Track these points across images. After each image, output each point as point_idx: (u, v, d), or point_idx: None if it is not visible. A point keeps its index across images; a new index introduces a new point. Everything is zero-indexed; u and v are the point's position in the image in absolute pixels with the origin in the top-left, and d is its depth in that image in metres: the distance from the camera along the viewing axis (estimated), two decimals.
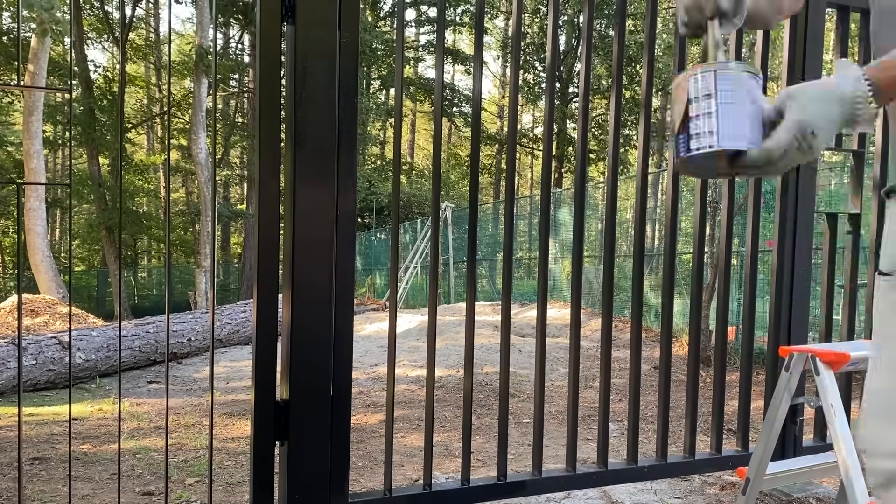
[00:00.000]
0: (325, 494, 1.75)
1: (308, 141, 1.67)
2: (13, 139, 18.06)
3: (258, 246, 1.67)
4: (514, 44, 2.03)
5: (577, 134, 2.13)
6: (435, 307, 1.99)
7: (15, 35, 16.19)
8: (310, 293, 1.70)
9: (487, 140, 23.35)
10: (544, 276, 2.09)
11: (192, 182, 21.46)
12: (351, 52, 1.71)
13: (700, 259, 2.28)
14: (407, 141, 30.91)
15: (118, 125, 6.61)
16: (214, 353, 1.99)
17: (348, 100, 1.72)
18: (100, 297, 21.88)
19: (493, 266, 14.39)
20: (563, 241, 11.52)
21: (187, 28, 27.42)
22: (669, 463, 2.26)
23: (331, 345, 1.74)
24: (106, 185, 18.42)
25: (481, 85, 1.97)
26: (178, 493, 2.73)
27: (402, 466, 3.27)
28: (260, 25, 1.63)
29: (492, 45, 27.34)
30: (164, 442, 2.17)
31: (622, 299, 8.63)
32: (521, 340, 7.57)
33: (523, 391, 5.29)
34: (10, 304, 9.27)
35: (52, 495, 2.74)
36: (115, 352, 6.20)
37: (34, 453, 3.45)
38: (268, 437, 1.71)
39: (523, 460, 3.40)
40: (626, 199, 10.52)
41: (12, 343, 5.59)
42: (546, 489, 2.12)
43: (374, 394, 5.26)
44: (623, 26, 2.12)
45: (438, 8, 1.96)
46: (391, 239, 1.91)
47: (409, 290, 14.19)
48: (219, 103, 21.52)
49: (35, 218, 11.49)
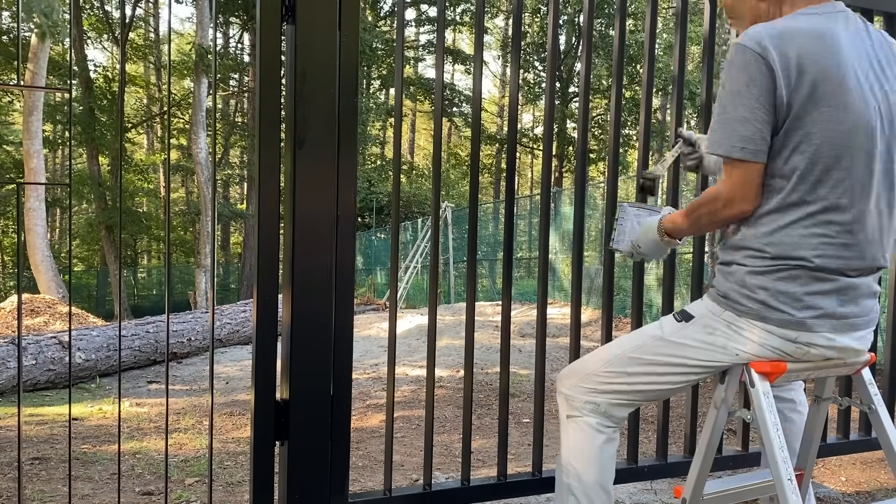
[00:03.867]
0: (325, 494, 1.75)
1: (308, 141, 1.67)
2: (13, 139, 18.05)
3: (258, 246, 1.67)
4: (514, 44, 2.03)
5: (577, 134, 2.12)
6: (435, 307, 1.98)
7: (15, 35, 16.18)
8: (310, 293, 1.70)
9: (487, 140, 23.33)
10: (544, 275, 2.09)
11: (192, 182, 21.46)
12: (351, 52, 1.71)
13: (700, 259, 2.28)
14: (407, 141, 30.91)
15: (118, 125, 6.64)
16: (214, 352, 1.99)
17: (348, 99, 1.72)
18: (100, 296, 21.87)
19: (494, 266, 14.39)
20: (563, 234, 11.51)
21: (187, 27, 27.44)
22: (669, 463, 2.26)
23: (331, 345, 1.74)
24: (106, 184, 18.41)
25: (481, 85, 1.97)
26: (178, 493, 2.73)
27: (403, 466, 3.27)
28: (260, 25, 1.63)
29: (492, 45, 27.33)
30: (165, 442, 2.17)
31: (622, 299, 8.63)
32: (522, 340, 7.57)
33: (523, 391, 5.29)
34: (10, 304, 9.27)
35: (52, 495, 2.74)
36: (115, 352, 6.20)
37: (34, 453, 3.45)
38: (268, 437, 1.71)
39: (523, 460, 3.40)
40: (626, 199, 10.51)
41: (12, 343, 5.59)
42: (546, 489, 2.12)
43: (375, 394, 5.26)
44: (623, 26, 2.12)
45: (438, 8, 1.96)
46: (391, 238, 1.91)
47: (409, 289, 14.19)
48: (219, 103, 21.51)
49: (35, 218, 11.48)
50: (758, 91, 1.31)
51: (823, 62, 1.31)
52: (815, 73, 1.31)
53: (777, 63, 1.30)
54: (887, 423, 1.51)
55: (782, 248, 1.36)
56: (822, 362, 1.44)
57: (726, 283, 1.43)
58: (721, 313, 1.43)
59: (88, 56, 20.40)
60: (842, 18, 1.39)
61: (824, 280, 1.36)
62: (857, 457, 3.04)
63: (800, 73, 1.30)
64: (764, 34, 1.32)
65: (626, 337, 1.57)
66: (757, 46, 1.31)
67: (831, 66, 1.31)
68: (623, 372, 1.53)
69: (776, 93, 1.31)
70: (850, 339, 1.41)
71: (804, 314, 1.36)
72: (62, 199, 20.11)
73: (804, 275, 1.36)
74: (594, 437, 1.55)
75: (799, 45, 1.31)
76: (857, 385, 1.56)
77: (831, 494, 2.55)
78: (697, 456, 1.54)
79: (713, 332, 1.44)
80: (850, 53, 1.35)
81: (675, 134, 1.97)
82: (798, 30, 1.33)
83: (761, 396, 1.39)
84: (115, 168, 19.90)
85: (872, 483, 2.75)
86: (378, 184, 21.55)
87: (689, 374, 1.49)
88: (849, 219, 1.35)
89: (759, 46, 1.31)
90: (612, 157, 2.18)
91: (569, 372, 1.63)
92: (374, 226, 20.37)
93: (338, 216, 1.72)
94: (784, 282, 1.36)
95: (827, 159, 1.33)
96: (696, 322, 1.47)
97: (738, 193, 1.35)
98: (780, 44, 1.31)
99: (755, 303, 1.38)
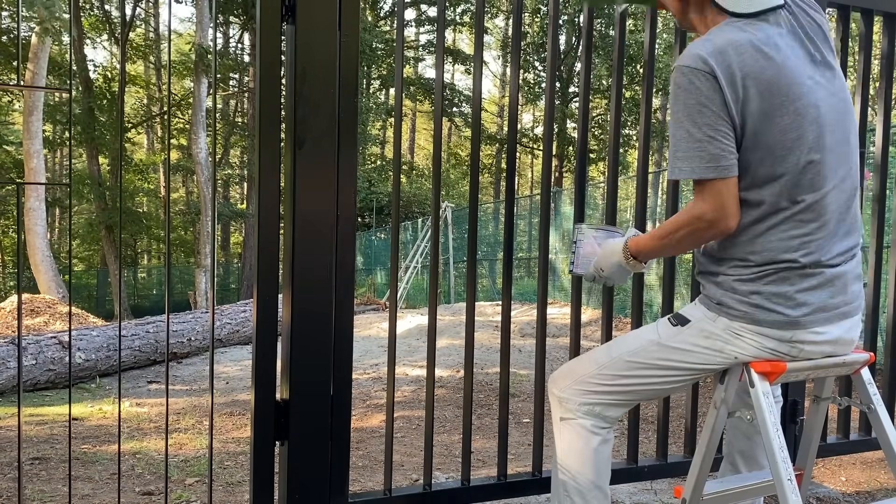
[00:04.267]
0: (325, 494, 1.75)
1: (308, 141, 1.67)
2: (13, 139, 18.05)
3: (258, 246, 1.67)
4: (514, 44, 2.03)
5: (577, 134, 2.12)
6: (435, 307, 1.98)
7: (15, 35, 16.18)
8: (310, 293, 1.70)
9: (487, 140, 23.33)
10: (544, 275, 2.09)
11: (192, 182, 21.45)
12: (351, 52, 1.71)
13: None
14: (407, 141, 30.90)
15: (118, 125, 6.68)
16: (214, 352, 1.99)
17: (348, 99, 1.72)
18: (100, 296, 21.87)
19: (494, 266, 14.39)
20: (563, 233, 11.51)
21: (187, 27, 27.44)
22: (669, 463, 2.26)
23: (331, 345, 1.74)
24: (106, 184, 18.41)
25: (481, 85, 1.97)
26: (178, 493, 2.73)
27: (403, 466, 3.27)
28: (260, 25, 1.63)
29: (492, 45, 27.33)
30: (165, 442, 2.17)
31: (622, 299, 8.63)
32: (522, 340, 7.57)
33: (523, 391, 5.29)
34: (10, 304, 9.27)
35: (52, 495, 2.74)
36: (115, 352, 6.20)
37: (34, 453, 3.45)
38: (268, 437, 1.71)
39: (523, 460, 3.40)
40: (626, 198, 10.52)
41: (12, 343, 5.59)
42: (546, 489, 2.12)
43: (375, 394, 5.26)
44: (623, 26, 2.12)
45: (438, 8, 1.96)
46: (391, 238, 1.91)
47: (409, 289, 14.19)
48: (219, 103, 21.51)
49: (35, 218, 11.48)
50: (715, 108, 1.31)
51: (767, 74, 1.32)
52: (761, 86, 1.31)
53: (723, 80, 1.30)
54: (887, 423, 1.51)
55: (766, 254, 1.37)
56: (822, 360, 1.44)
57: (718, 291, 1.44)
58: (716, 319, 1.44)
59: (88, 56, 20.40)
60: (772, 17, 1.38)
61: (812, 276, 1.38)
62: (857, 457, 3.04)
63: (745, 87, 1.31)
64: (704, 53, 1.31)
65: (620, 339, 1.57)
66: (702, 64, 1.31)
67: (774, 77, 1.32)
68: (619, 375, 1.53)
69: (729, 108, 1.31)
70: (841, 330, 1.42)
71: (798, 312, 1.37)
72: (62, 199, 20.11)
73: (793, 275, 1.37)
74: (589, 439, 1.55)
75: (741, 59, 1.31)
76: (857, 385, 1.56)
77: (831, 494, 2.55)
78: (697, 456, 1.54)
79: (710, 336, 1.44)
80: (790, 56, 1.35)
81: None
82: (736, 43, 1.32)
83: (761, 396, 1.39)
84: (115, 168, 19.90)
85: (872, 483, 2.75)
86: (378, 184, 21.54)
87: (686, 376, 1.49)
88: (823, 215, 1.37)
89: (704, 64, 1.31)
90: (612, 157, 2.18)
91: (562, 374, 1.62)
92: (374, 226, 20.37)
93: (338, 216, 1.72)
94: (775, 284, 1.37)
95: (790, 165, 1.34)
96: (692, 326, 1.47)
97: (721, 211, 1.34)
98: (721, 60, 1.31)
99: (749, 307, 1.39)
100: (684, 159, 1.34)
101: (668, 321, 1.52)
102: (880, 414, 1.52)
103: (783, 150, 1.34)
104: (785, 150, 1.34)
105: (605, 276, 1.58)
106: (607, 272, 1.56)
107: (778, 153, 1.34)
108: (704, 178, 1.33)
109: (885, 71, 2.45)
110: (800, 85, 1.35)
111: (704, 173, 1.32)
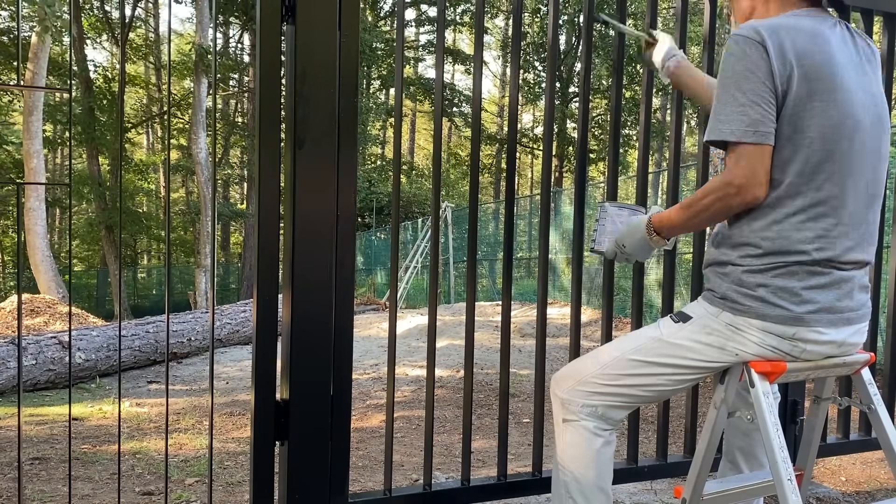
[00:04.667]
0: (325, 494, 1.75)
1: (308, 141, 1.67)
2: (13, 139, 18.05)
3: (258, 246, 1.67)
4: (514, 44, 2.03)
5: (577, 134, 2.12)
6: (435, 307, 1.98)
7: (15, 34, 16.18)
8: (310, 293, 1.70)
9: (487, 140, 23.32)
10: (544, 275, 2.09)
11: (192, 182, 21.45)
12: (351, 52, 1.71)
13: (700, 259, 2.28)
14: (407, 141, 30.90)
15: (118, 125, 6.67)
16: (214, 352, 1.99)
17: (348, 99, 1.72)
18: (100, 296, 21.87)
19: (494, 266, 14.39)
20: (563, 233, 11.51)
21: (187, 27, 27.43)
22: (669, 463, 2.26)
23: (331, 345, 1.74)
24: (106, 184, 18.41)
25: (481, 85, 1.97)
26: (178, 493, 2.73)
27: (403, 466, 3.27)
28: (260, 25, 1.63)
29: (492, 45, 27.32)
30: (165, 442, 2.17)
31: (622, 299, 8.63)
32: (522, 340, 7.57)
33: (523, 391, 5.29)
34: (10, 304, 9.27)
35: (52, 495, 2.74)
36: (115, 352, 6.20)
37: (34, 453, 3.45)
38: (268, 437, 1.71)
39: (523, 460, 3.40)
40: (627, 198, 10.52)
41: (12, 343, 5.59)
42: (546, 489, 2.12)
43: (375, 394, 5.26)
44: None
45: (438, 8, 1.96)
46: (391, 238, 1.91)
47: (409, 289, 14.19)
48: (219, 103, 21.51)
49: (35, 218, 11.48)
50: (762, 76, 1.33)
51: (816, 58, 1.34)
52: (808, 67, 1.34)
53: (773, 52, 1.32)
54: (887, 423, 1.51)
55: (780, 241, 1.37)
56: (822, 361, 1.44)
57: (724, 284, 1.44)
58: (718, 314, 1.44)
59: (88, 56, 20.40)
60: (829, 22, 1.43)
61: (821, 274, 1.38)
62: (857, 457, 3.04)
63: (793, 65, 1.33)
64: (759, 26, 1.35)
65: (622, 339, 1.57)
66: (755, 34, 1.34)
67: (822, 63, 1.34)
68: (621, 374, 1.52)
69: (774, 80, 1.33)
70: (845, 334, 1.42)
71: (802, 308, 1.37)
72: (62, 199, 20.11)
73: (801, 270, 1.37)
74: (592, 440, 1.55)
75: (793, 40, 1.34)
76: (857, 385, 1.56)
77: (831, 494, 2.55)
78: (697, 456, 1.54)
79: (712, 332, 1.44)
80: (839, 53, 1.38)
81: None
82: (791, 26, 1.36)
83: (761, 396, 1.39)
84: (115, 168, 19.90)
85: (872, 483, 2.75)
86: (378, 184, 21.54)
87: (689, 374, 1.49)
88: (840, 213, 1.38)
89: (757, 34, 1.34)
90: (612, 157, 2.18)
91: (564, 375, 1.62)
92: (374, 226, 20.37)
93: (338, 216, 1.72)
94: (782, 278, 1.37)
95: (819, 153, 1.35)
96: (694, 323, 1.47)
97: (751, 178, 1.34)
98: (774, 35, 1.34)
99: (754, 300, 1.39)
100: (725, 122, 1.35)
101: (670, 318, 1.53)
102: (880, 414, 1.52)
103: (817, 135, 1.35)
104: (818, 136, 1.35)
105: (627, 251, 1.58)
106: (630, 248, 1.56)
107: (810, 135, 1.34)
108: (742, 141, 1.33)
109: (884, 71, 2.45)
110: (844, 79, 1.36)
111: (743, 136, 1.33)
